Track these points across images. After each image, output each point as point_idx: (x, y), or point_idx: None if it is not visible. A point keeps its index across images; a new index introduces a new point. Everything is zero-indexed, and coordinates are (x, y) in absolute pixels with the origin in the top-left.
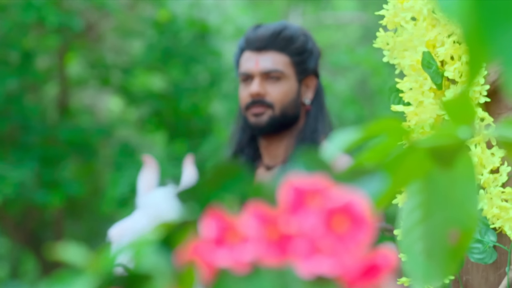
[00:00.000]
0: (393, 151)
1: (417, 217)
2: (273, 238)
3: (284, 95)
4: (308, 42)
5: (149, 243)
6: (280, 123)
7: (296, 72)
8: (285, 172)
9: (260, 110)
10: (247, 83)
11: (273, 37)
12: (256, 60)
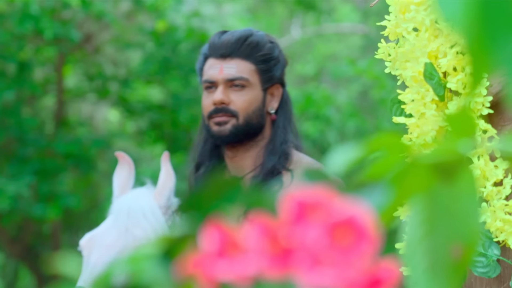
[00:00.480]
0: (394, 166)
1: (421, 232)
2: (275, 251)
3: (249, 104)
4: (274, 50)
5: (148, 256)
6: (244, 133)
7: (261, 80)
8: (259, 184)
9: (223, 119)
10: (210, 91)
11: (238, 44)
12: (221, 67)
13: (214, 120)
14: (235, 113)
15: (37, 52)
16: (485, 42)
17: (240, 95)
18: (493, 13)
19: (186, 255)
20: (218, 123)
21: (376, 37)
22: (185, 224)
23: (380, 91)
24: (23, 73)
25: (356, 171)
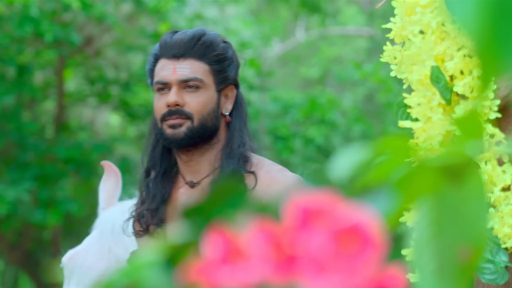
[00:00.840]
0: (400, 170)
1: (428, 235)
2: (279, 258)
3: (204, 105)
4: (228, 50)
5: (150, 264)
6: (199, 135)
7: (215, 81)
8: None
9: (177, 121)
10: (163, 92)
11: (192, 44)
12: (174, 68)
13: (167, 123)
14: (189, 115)
15: (37, 56)
16: (493, 45)
17: (194, 97)
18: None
19: (189, 262)
20: (172, 126)
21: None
22: (187, 231)
23: (386, 95)
24: (23, 77)
25: (361, 175)
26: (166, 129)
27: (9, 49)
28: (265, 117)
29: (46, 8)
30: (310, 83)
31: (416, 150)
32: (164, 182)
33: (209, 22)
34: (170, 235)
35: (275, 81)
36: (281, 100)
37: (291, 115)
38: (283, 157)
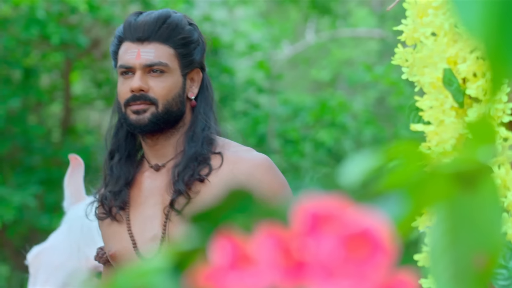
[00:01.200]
0: (412, 175)
1: (443, 243)
2: (287, 263)
3: (168, 90)
4: (194, 33)
5: (158, 269)
6: (164, 121)
7: (181, 65)
8: (182, 171)
9: (141, 107)
10: (127, 77)
11: (156, 27)
12: (137, 52)
13: (131, 108)
14: (154, 100)
15: (43, 58)
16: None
17: (159, 82)
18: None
19: (196, 268)
20: (136, 112)
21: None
22: (195, 236)
23: (397, 98)
24: (29, 80)
25: (373, 181)
26: (130, 114)
27: (15, 52)
28: (275, 120)
29: (52, 10)
30: (320, 85)
31: (428, 155)
32: (128, 165)
33: (218, 24)
34: (135, 220)
35: (284, 84)
36: (291, 103)
37: (301, 118)
38: (292, 160)
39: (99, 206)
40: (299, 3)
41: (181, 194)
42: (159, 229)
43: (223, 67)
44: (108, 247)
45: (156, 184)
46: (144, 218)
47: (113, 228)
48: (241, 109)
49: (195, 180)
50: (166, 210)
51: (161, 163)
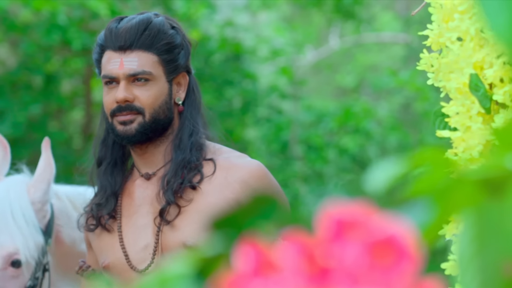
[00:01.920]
0: (438, 182)
1: (471, 250)
2: (312, 270)
3: (154, 99)
4: (176, 37)
5: (181, 276)
6: (151, 130)
7: (165, 71)
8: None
9: (128, 118)
10: (111, 86)
11: (138, 34)
12: (120, 61)
13: (118, 119)
14: (140, 110)
15: (64, 64)
16: None
17: (144, 90)
18: None
19: (220, 274)
20: (123, 123)
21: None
22: (218, 242)
23: (423, 104)
24: (50, 86)
25: (398, 188)
26: (116, 125)
27: (36, 58)
28: (298, 127)
29: (74, 15)
30: (344, 91)
31: (454, 161)
32: (115, 174)
33: (241, 29)
34: (127, 230)
35: (308, 90)
36: (314, 109)
37: (325, 125)
38: (316, 167)
39: (89, 217)
40: (322, 8)
41: (171, 204)
42: (151, 238)
43: (246, 72)
44: (101, 258)
45: (147, 193)
46: (136, 228)
47: (105, 239)
48: (264, 115)
49: (187, 188)
50: (157, 221)
51: (151, 171)
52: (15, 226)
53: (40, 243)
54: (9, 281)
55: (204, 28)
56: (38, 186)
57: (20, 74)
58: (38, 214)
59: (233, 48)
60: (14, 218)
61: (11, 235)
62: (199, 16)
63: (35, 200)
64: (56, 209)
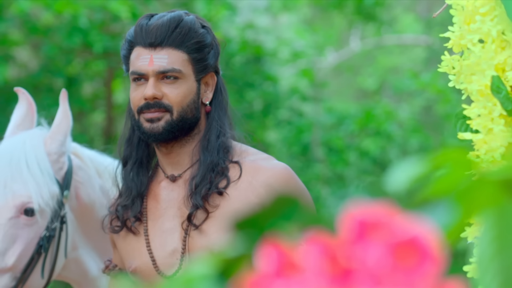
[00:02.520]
0: (460, 183)
1: (491, 251)
2: (334, 271)
3: (183, 97)
4: (207, 36)
5: (204, 276)
6: (178, 128)
7: (195, 70)
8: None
9: (155, 115)
10: (139, 83)
11: (169, 32)
12: (150, 58)
13: (145, 116)
14: (169, 107)
15: (85, 67)
16: None
17: (173, 88)
18: None
19: (242, 275)
20: (150, 120)
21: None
22: (241, 243)
23: (444, 106)
24: (72, 88)
25: (420, 189)
26: (143, 122)
27: (58, 60)
28: (319, 129)
29: (95, 18)
30: (365, 93)
31: (476, 162)
32: (140, 175)
33: (261, 31)
34: (154, 234)
35: (329, 92)
36: (335, 111)
37: (346, 127)
38: (337, 169)
39: (114, 218)
40: (343, 10)
41: (199, 208)
42: (179, 242)
43: (267, 75)
44: (127, 262)
45: (173, 195)
46: (162, 231)
47: (131, 242)
48: (285, 117)
49: (214, 193)
50: (184, 225)
51: (177, 173)
52: (29, 175)
53: (55, 193)
54: (22, 229)
55: (225, 31)
56: (55, 137)
57: (42, 76)
58: (54, 165)
59: (254, 50)
60: (28, 167)
61: (25, 183)
62: (220, 18)
63: (51, 151)
64: (75, 165)
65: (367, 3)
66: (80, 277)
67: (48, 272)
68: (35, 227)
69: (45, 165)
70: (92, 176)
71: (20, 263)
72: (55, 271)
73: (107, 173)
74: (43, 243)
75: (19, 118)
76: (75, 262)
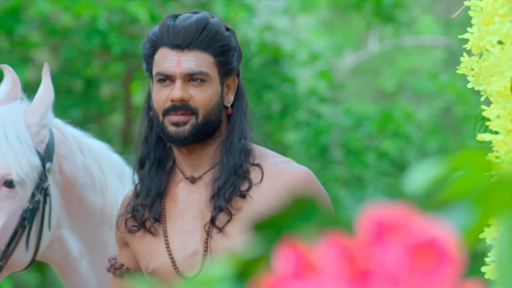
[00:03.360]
0: (479, 184)
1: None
2: (352, 272)
3: (209, 100)
4: (232, 39)
5: (221, 278)
6: (203, 132)
7: (220, 73)
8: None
9: (182, 119)
10: (165, 84)
11: (197, 34)
12: (178, 60)
13: (170, 119)
14: (195, 110)
15: (104, 68)
16: None
17: (199, 91)
18: None
19: (260, 276)
20: (176, 124)
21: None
22: (259, 244)
23: (463, 107)
24: (90, 90)
25: (438, 190)
26: (168, 125)
27: (77, 62)
28: (337, 130)
29: (113, 20)
30: (384, 95)
31: (495, 164)
32: (160, 175)
33: (280, 33)
34: (173, 235)
35: (347, 93)
36: (354, 113)
37: (364, 128)
38: (355, 171)
39: (130, 218)
40: (362, 11)
41: (222, 211)
42: (199, 244)
43: (285, 76)
44: (144, 263)
45: (193, 197)
46: (182, 233)
47: (148, 243)
48: (303, 119)
49: (236, 196)
50: (207, 227)
51: (197, 174)
52: (8, 147)
53: (35, 164)
54: (4, 201)
55: (243, 32)
56: (36, 110)
57: (61, 78)
58: (35, 137)
59: (272, 52)
60: (7, 139)
61: (3, 155)
62: (238, 20)
63: (32, 123)
64: (57, 138)
65: (385, 4)
66: (62, 258)
67: (33, 247)
68: (17, 199)
69: (25, 137)
70: (75, 151)
71: (4, 235)
72: (40, 245)
73: (90, 151)
74: (27, 215)
75: (3, 94)
76: (58, 241)
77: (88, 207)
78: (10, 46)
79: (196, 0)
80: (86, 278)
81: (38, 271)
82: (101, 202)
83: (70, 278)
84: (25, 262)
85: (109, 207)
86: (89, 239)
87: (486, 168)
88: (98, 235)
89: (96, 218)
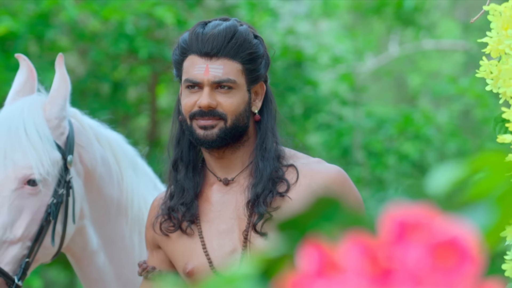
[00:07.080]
0: (499, 186)
1: None
2: (375, 271)
3: (237, 106)
4: (260, 47)
5: (246, 276)
6: (231, 136)
7: (247, 80)
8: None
9: (209, 123)
10: (193, 91)
11: (225, 42)
12: (206, 67)
13: (198, 123)
14: (223, 115)
15: (131, 72)
16: None
17: (227, 98)
18: None
19: (284, 275)
20: (204, 127)
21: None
22: (283, 244)
23: (483, 110)
24: (117, 93)
25: (459, 191)
26: (196, 129)
27: (104, 66)
28: (359, 132)
29: (140, 25)
30: (404, 98)
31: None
32: (196, 176)
33: (302, 37)
34: (209, 235)
35: (369, 96)
36: (375, 115)
37: (385, 131)
38: (376, 173)
39: (165, 220)
40: (383, 15)
41: (263, 216)
42: (237, 243)
43: (307, 79)
44: (182, 264)
45: (227, 198)
46: (219, 233)
47: (185, 244)
48: (325, 121)
49: (275, 196)
50: (244, 233)
51: (230, 177)
52: (28, 143)
53: (56, 159)
54: (28, 199)
55: (267, 36)
56: (54, 102)
57: (89, 81)
58: (55, 131)
59: (294, 55)
60: (27, 135)
61: (24, 152)
62: (263, 24)
63: (52, 117)
64: (76, 128)
65: (406, 9)
66: (81, 250)
67: (59, 239)
68: (40, 196)
69: (44, 132)
70: (93, 141)
71: (30, 232)
72: (65, 238)
73: (107, 142)
74: (51, 210)
75: (20, 85)
76: (80, 232)
77: (105, 198)
78: (39, 51)
79: (221, 5)
80: (103, 272)
81: (68, 269)
82: (118, 194)
83: (87, 271)
84: (51, 254)
85: (125, 199)
86: (105, 231)
87: (506, 169)
88: (115, 227)
89: (113, 210)
